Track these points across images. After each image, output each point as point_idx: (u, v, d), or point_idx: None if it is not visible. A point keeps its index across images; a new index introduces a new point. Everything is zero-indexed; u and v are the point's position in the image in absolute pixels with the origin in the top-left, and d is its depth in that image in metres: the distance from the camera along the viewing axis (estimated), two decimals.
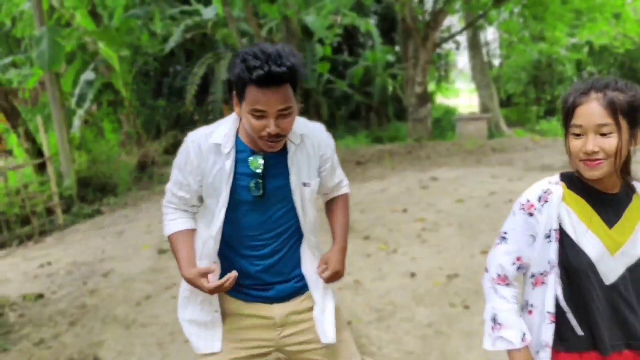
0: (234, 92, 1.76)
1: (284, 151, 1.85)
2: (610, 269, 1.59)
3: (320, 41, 15.93)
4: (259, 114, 1.69)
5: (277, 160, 1.85)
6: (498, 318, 1.69)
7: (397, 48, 20.92)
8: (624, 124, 1.50)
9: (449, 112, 22.34)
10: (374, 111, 21.02)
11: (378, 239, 5.97)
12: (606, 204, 1.61)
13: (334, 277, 1.99)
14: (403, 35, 16.09)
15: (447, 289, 4.46)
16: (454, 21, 22.93)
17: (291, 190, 1.88)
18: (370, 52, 19.78)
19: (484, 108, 17.97)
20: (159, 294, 4.77)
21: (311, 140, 1.91)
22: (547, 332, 1.64)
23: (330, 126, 19.30)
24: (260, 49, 1.67)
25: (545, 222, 1.63)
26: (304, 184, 1.89)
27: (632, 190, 1.65)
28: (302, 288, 1.99)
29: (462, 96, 34.12)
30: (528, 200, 1.67)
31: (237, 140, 1.85)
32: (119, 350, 3.75)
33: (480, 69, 18.48)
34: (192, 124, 18.08)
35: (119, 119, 13.14)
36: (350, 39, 21.06)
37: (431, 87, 24.30)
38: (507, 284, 1.71)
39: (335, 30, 14.93)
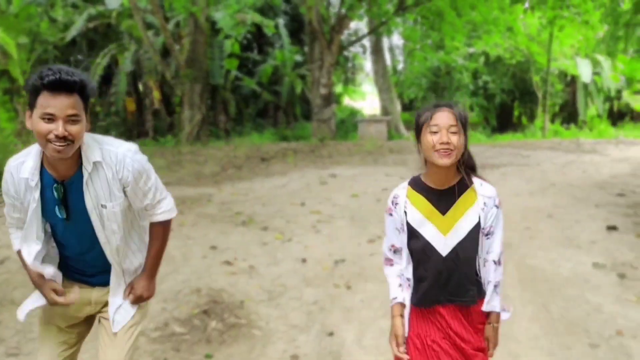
0: (27, 108, 2.01)
1: (81, 179, 2.11)
2: (444, 245, 2.11)
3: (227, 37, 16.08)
4: (49, 117, 1.92)
5: (78, 187, 2.11)
6: (389, 287, 2.27)
7: (305, 49, 21.40)
8: (461, 128, 2.05)
9: (353, 113, 23.14)
10: (282, 110, 21.39)
11: (275, 229, 6.34)
12: (440, 197, 2.14)
13: (138, 300, 2.31)
14: (310, 37, 16.57)
15: (334, 272, 4.92)
16: (361, 25, 23.81)
17: (87, 212, 2.12)
18: (279, 51, 20.11)
19: (385, 111, 18.85)
20: None
21: (109, 165, 2.11)
22: (408, 294, 2.22)
23: (238, 123, 19.55)
24: (57, 66, 1.95)
25: (398, 219, 2.17)
26: (102, 206, 2.12)
27: (469, 184, 2.15)
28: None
29: (368, 99, 35.23)
30: (388, 206, 2.23)
31: (43, 171, 2.09)
32: (17, 329, 3.86)
33: (382, 74, 19.35)
34: (93, 116, 17.64)
35: (15, 108, 12.66)
36: (260, 37, 21.27)
37: (338, 89, 25.05)
38: (391, 265, 2.29)
39: (241, 29, 15.14)
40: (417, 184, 2.20)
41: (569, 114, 21.83)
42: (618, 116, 22.20)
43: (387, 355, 3.50)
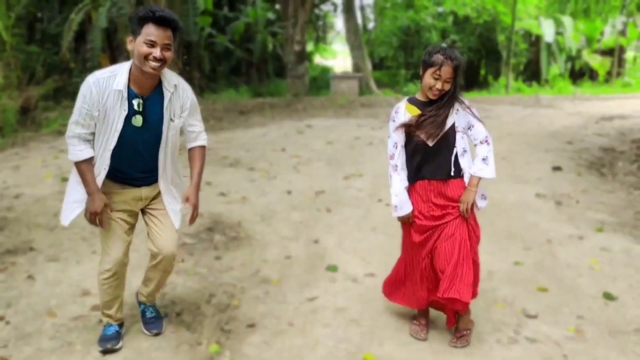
0: (130, 34, 2.67)
1: (159, 96, 2.79)
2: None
3: None
4: (151, 43, 2.58)
5: (154, 102, 2.78)
6: (391, 183, 3.10)
7: (277, 6, 21.66)
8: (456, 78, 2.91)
9: (325, 71, 23.72)
10: (255, 67, 21.78)
11: (261, 169, 7.08)
12: (427, 105, 2.98)
13: (195, 207, 2.99)
14: None
15: (316, 200, 5.71)
16: None
17: (163, 122, 2.80)
18: (252, 9, 20.39)
19: (356, 68, 19.43)
20: None
21: (180, 91, 2.83)
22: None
23: (212, 80, 19.97)
24: (159, 7, 2.66)
25: (399, 122, 3.02)
26: (171, 119, 2.83)
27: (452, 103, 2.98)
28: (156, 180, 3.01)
29: (339, 58, 35.67)
30: (391, 115, 3.09)
31: (129, 86, 2.74)
32: (49, 244, 4.56)
33: (354, 32, 19.84)
34: (69, 72, 17.81)
35: None
36: None
37: (310, 47, 25.46)
38: (393, 158, 3.07)
39: None
40: (412, 100, 3.06)
41: (532, 73, 22.76)
42: (578, 75, 23.26)
43: (362, 255, 4.34)
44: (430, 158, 3.00)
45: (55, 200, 5.78)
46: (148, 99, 2.77)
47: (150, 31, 2.60)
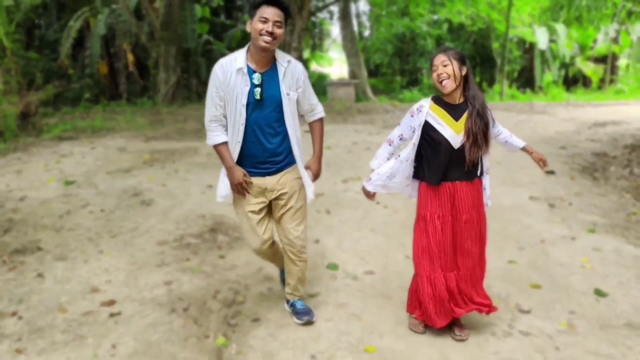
0: (249, 18, 2.96)
1: (275, 72, 3.04)
2: (456, 141, 3.07)
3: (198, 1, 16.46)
4: (264, 20, 2.88)
5: (271, 77, 3.03)
6: (376, 154, 3.30)
7: None
8: (454, 62, 3.01)
9: (322, 78, 23.86)
10: None
11: None
12: (454, 108, 3.10)
13: (316, 176, 3.36)
14: None
15: (316, 202, 5.83)
16: None
17: (281, 96, 3.03)
18: (248, 16, 20.51)
19: (353, 75, 19.62)
20: (77, 210, 5.65)
21: (292, 67, 3.08)
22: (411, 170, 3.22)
23: None
24: None
25: (418, 121, 3.10)
26: (287, 94, 3.05)
27: (472, 102, 3.09)
28: (284, 166, 3.18)
29: (335, 65, 35.86)
30: (412, 110, 3.13)
31: (247, 65, 3.01)
32: (56, 244, 4.68)
33: (350, 39, 20.04)
34: (67, 78, 17.93)
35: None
36: (229, 1, 21.62)
37: (306, 54, 25.65)
38: (390, 144, 3.25)
39: None
40: (437, 100, 3.13)
41: (526, 80, 22.98)
42: (572, 81, 23.52)
43: (361, 254, 4.47)
44: (456, 159, 3.08)
45: (59, 203, 5.91)
46: (265, 74, 3.01)
47: (263, 11, 2.90)
